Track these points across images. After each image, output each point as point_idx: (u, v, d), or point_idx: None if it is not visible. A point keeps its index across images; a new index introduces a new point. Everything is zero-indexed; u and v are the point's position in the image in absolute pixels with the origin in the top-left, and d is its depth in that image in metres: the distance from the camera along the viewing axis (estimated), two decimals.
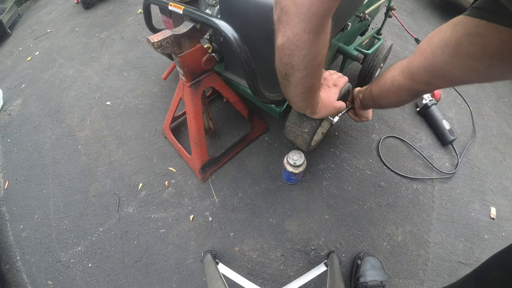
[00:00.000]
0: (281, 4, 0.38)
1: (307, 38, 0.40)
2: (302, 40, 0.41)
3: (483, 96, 1.47)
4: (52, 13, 2.48)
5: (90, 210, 1.10)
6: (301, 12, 0.37)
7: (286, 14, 0.39)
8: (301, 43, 0.41)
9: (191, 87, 0.92)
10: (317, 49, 0.44)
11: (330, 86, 0.79)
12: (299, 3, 0.36)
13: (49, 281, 0.96)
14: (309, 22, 0.38)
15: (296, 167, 0.97)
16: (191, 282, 0.92)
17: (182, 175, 1.16)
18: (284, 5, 0.38)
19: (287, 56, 0.45)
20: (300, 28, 0.39)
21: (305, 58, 0.45)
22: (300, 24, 0.39)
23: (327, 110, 0.75)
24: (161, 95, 1.47)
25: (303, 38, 0.41)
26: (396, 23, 1.84)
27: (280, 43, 0.44)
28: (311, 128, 0.92)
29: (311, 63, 0.46)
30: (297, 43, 0.42)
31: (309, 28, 0.39)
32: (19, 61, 1.96)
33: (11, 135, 1.44)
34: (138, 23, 2.01)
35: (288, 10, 0.38)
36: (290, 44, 0.42)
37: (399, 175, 1.11)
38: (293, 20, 0.39)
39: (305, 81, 0.51)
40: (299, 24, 0.39)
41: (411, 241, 0.96)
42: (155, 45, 0.74)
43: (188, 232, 1.02)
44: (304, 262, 0.94)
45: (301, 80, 0.51)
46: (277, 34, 0.44)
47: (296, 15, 0.38)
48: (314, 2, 0.36)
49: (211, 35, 1.04)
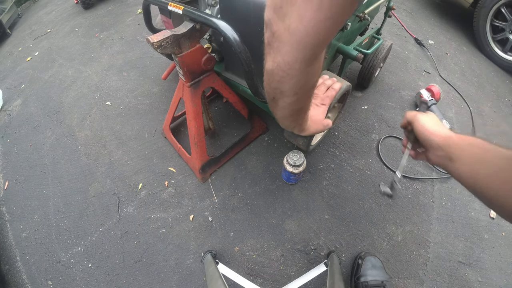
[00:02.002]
0: (272, 28, 0.34)
1: (299, 67, 0.37)
2: (293, 69, 0.38)
3: (483, 96, 1.47)
4: (52, 13, 2.48)
5: (90, 210, 1.10)
6: (294, 41, 0.33)
7: (278, 40, 0.35)
8: (292, 71, 0.38)
9: (191, 87, 0.92)
10: (309, 77, 0.41)
11: (319, 105, 0.77)
12: (293, 31, 0.32)
13: (49, 281, 0.96)
14: (301, 51, 0.35)
15: (296, 167, 0.97)
16: (191, 282, 0.92)
17: (182, 175, 1.16)
18: (276, 30, 0.34)
19: (276, 82, 0.42)
20: (292, 57, 0.36)
21: (295, 85, 0.42)
22: (292, 53, 0.35)
23: (315, 128, 0.72)
24: (161, 95, 1.47)
25: (294, 67, 0.37)
26: (395, 23, 1.84)
27: (270, 69, 0.40)
28: None
29: (302, 89, 0.44)
30: (288, 71, 0.38)
31: (302, 58, 0.36)
32: (19, 62, 1.96)
33: (11, 135, 1.44)
34: (137, 23, 2.01)
35: (279, 36, 0.34)
36: (280, 71, 0.39)
37: None
38: (284, 48, 0.35)
39: (294, 105, 0.49)
40: (290, 53, 0.35)
41: (411, 241, 0.96)
42: (154, 45, 0.74)
43: (188, 232, 1.01)
44: (304, 262, 0.94)
45: (290, 105, 0.48)
46: (266, 57, 0.40)
47: (289, 43, 0.34)
48: (309, 32, 0.31)
49: (210, 35, 1.04)
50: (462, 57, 1.69)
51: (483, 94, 1.48)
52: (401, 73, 1.54)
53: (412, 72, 1.54)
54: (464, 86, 1.50)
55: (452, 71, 1.58)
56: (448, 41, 1.79)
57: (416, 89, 1.42)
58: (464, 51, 1.74)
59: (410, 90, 1.43)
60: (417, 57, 1.65)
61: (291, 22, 0.31)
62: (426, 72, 1.54)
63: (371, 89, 1.43)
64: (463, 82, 1.52)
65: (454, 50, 1.73)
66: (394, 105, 1.36)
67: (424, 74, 1.54)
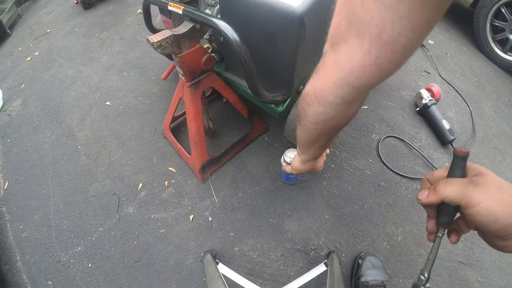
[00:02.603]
0: (324, 58, 0.36)
1: (332, 100, 0.37)
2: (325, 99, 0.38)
3: (483, 96, 1.47)
4: (52, 13, 2.48)
5: (90, 210, 1.10)
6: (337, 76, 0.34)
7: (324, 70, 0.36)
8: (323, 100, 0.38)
9: (190, 87, 0.92)
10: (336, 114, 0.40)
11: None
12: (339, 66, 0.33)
13: (49, 281, 0.96)
14: (340, 88, 0.35)
15: None
16: (191, 282, 0.92)
17: (182, 175, 1.16)
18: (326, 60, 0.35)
19: (306, 104, 0.42)
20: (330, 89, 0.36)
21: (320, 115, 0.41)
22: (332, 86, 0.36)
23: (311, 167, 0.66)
24: (161, 95, 1.47)
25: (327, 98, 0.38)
26: None
27: (306, 91, 0.42)
28: None
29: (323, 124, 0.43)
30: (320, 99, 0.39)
31: (338, 94, 0.36)
32: (19, 62, 1.96)
33: (11, 135, 1.44)
34: (137, 23, 2.01)
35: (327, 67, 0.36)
36: (313, 95, 0.40)
37: (399, 175, 1.11)
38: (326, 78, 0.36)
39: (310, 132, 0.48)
40: (330, 85, 0.36)
41: (411, 241, 0.96)
42: (154, 45, 0.74)
43: (188, 232, 1.01)
44: (304, 262, 0.94)
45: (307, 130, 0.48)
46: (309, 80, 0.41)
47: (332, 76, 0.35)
48: (353, 72, 0.32)
49: (210, 35, 1.04)
50: (462, 57, 1.69)
51: (483, 94, 1.48)
52: (401, 73, 1.53)
53: (412, 72, 1.54)
54: (464, 86, 1.50)
55: (452, 71, 1.58)
56: (448, 41, 1.79)
57: (416, 89, 1.42)
58: (464, 51, 1.74)
59: (410, 90, 1.43)
60: (417, 57, 1.64)
61: (341, 58, 0.33)
62: (426, 72, 1.54)
63: (371, 89, 1.43)
64: (463, 82, 1.52)
65: (454, 50, 1.73)
66: (394, 105, 1.36)
67: (424, 74, 1.54)
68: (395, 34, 0.26)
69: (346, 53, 0.32)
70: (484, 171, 0.34)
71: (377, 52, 0.28)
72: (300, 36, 0.71)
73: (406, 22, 0.25)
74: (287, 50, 0.76)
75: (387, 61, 0.29)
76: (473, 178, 0.34)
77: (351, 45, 0.30)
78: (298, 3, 0.67)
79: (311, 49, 0.82)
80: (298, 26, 0.69)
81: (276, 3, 0.69)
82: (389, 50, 0.28)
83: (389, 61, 0.29)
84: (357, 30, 0.29)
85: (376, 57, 0.29)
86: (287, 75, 0.84)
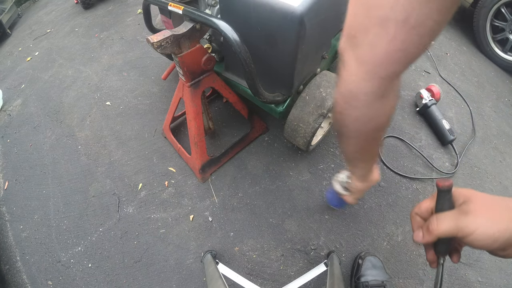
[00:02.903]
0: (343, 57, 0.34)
1: (364, 99, 0.35)
2: (357, 100, 0.35)
3: (483, 96, 1.47)
4: (52, 13, 2.48)
5: (90, 210, 1.10)
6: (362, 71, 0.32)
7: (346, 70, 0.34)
8: (356, 103, 0.36)
9: (190, 87, 0.92)
10: (375, 113, 0.37)
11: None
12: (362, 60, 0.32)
13: (49, 281, 0.96)
14: (369, 82, 0.33)
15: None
16: (191, 282, 0.92)
17: (182, 175, 1.16)
18: (346, 59, 0.34)
19: (338, 114, 0.40)
20: (358, 87, 0.34)
21: (358, 120, 0.38)
22: (359, 83, 0.34)
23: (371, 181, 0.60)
24: (161, 95, 1.47)
25: (359, 98, 0.35)
26: None
27: (335, 97, 0.39)
28: (311, 128, 0.92)
29: (365, 127, 0.40)
30: (351, 102, 0.36)
31: (368, 90, 0.34)
32: (19, 62, 1.96)
33: (11, 135, 1.44)
34: (137, 23, 2.01)
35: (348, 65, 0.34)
36: (343, 101, 0.37)
37: (399, 175, 1.11)
38: (351, 77, 0.34)
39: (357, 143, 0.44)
40: (357, 83, 0.34)
41: (411, 241, 0.96)
42: (154, 45, 0.74)
43: (188, 232, 1.01)
44: (304, 262, 0.94)
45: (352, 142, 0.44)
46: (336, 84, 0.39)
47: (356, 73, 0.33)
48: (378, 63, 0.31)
49: (210, 35, 1.04)
50: (462, 57, 1.69)
51: (483, 94, 1.48)
52: None
53: (412, 72, 1.54)
54: (464, 86, 1.50)
55: (452, 71, 1.58)
56: (448, 41, 1.79)
57: (416, 89, 1.42)
58: (464, 51, 1.74)
59: (410, 90, 1.43)
60: None
61: (362, 51, 0.31)
62: (426, 72, 1.54)
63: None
64: (463, 82, 1.52)
65: (454, 50, 1.73)
66: None
67: (424, 74, 1.54)
68: (422, 17, 0.25)
69: (367, 44, 0.30)
70: (471, 195, 0.34)
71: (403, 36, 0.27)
72: (300, 36, 0.71)
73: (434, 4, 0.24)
74: (287, 50, 0.76)
75: (414, 45, 0.28)
76: (462, 207, 0.34)
77: (372, 34, 0.29)
78: (298, 3, 0.67)
79: (311, 49, 0.82)
80: (298, 26, 0.69)
81: (276, 3, 0.69)
82: (416, 34, 0.27)
83: (416, 45, 0.28)
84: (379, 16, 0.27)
85: (402, 42, 0.28)
86: (287, 75, 0.84)
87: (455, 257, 0.39)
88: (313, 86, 0.92)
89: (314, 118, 0.89)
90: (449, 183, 0.34)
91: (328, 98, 0.89)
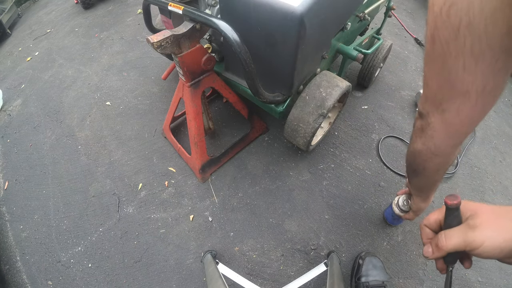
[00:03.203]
0: (429, 119, 0.40)
1: (449, 151, 0.43)
2: (442, 152, 0.44)
3: None
4: (52, 13, 2.47)
5: (90, 210, 1.10)
6: (449, 131, 0.39)
7: (432, 129, 0.41)
8: (440, 154, 0.44)
9: (190, 87, 0.92)
10: (452, 157, 0.46)
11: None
12: (449, 123, 0.38)
13: (49, 281, 0.96)
14: (453, 139, 0.41)
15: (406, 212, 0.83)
16: (191, 282, 0.92)
17: (182, 175, 1.16)
18: (433, 121, 0.40)
19: (423, 161, 0.48)
20: (444, 143, 0.42)
21: (439, 164, 0.47)
22: (445, 140, 0.41)
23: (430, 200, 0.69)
24: (161, 95, 1.47)
25: (443, 151, 0.43)
26: (395, 23, 1.84)
27: (418, 149, 0.46)
28: (311, 128, 0.92)
29: (444, 167, 0.49)
30: (436, 153, 0.44)
31: (452, 144, 0.42)
32: (19, 62, 1.96)
33: (11, 135, 1.44)
34: (137, 23, 2.01)
35: (435, 126, 0.40)
36: (429, 153, 0.45)
37: (399, 175, 1.11)
38: (438, 136, 0.41)
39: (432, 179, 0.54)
40: (443, 140, 0.41)
41: (411, 240, 0.96)
42: (154, 45, 0.74)
43: (188, 232, 1.01)
44: (304, 262, 0.94)
45: (428, 178, 0.54)
46: (415, 139, 0.46)
47: (443, 132, 0.40)
48: (463, 124, 0.37)
49: (210, 35, 1.04)
50: None
51: None
52: (401, 73, 1.53)
53: (412, 72, 1.54)
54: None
55: None
56: None
57: (416, 89, 1.42)
58: None
59: (410, 90, 1.43)
60: (417, 57, 1.64)
61: (449, 115, 0.37)
62: None
63: (371, 89, 1.43)
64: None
65: None
66: (394, 105, 1.36)
67: None
68: (496, 83, 0.32)
69: (454, 111, 0.36)
70: (477, 209, 0.36)
71: (483, 101, 0.34)
72: (300, 36, 0.71)
73: (503, 71, 0.30)
74: (287, 50, 0.76)
75: (490, 105, 0.35)
76: (469, 221, 0.36)
77: (458, 103, 0.35)
78: (298, 3, 0.67)
79: (311, 49, 0.82)
80: (298, 26, 0.69)
81: (276, 3, 0.69)
82: (492, 96, 0.33)
83: (491, 104, 0.35)
84: (462, 89, 0.33)
85: (483, 105, 0.34)
86: (287, 75, 0.84)
87: (466, 263, 0.42)
88: (313, 86, 0.92)
89: (314, 118, 0.89)
90: (457, 201, 0.36)
91: (328, 98, 0.89)
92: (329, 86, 0.91)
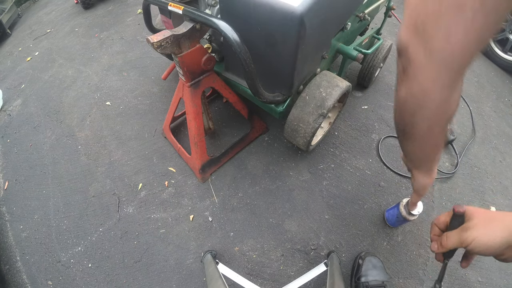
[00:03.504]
0: (408, 52, 0.31)
1: (439, 95, 0.33)
2: (430, 98, 0.34)
3: (483, 96, 1.47)
4: (52, 13, 2.47)
5: (90, 210, 1.10)
6: (436, 65, 0.30)
7: (414, 65, 0.32)
8: (429, 101, 0.34)
9: (190, 87, 0.92)
10: (447, 107, 0.36)
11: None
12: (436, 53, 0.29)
13: (49, 281, 0.96)
14: (443, 75, 0.31)
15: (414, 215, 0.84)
16: (191, 282, 0.92)
17: (182, 175, 1.16)
18: (413, 53, 0.31)
19: (409, 116, 0.38)
20: (431, 83, 0.32)
21: (431, 118, 0.37)
22: (432, 79, 0.32)
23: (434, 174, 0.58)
24: (161, 95, 1.47)
25: (432, 96, 0.33)
26: (395, 23, 1.84)
27: (402, 98, 0.37)
28: (311, 128, 0.92)
29: (438, 123, 0.39)
30: (424, 100, 0.35)
31: (443, 83, 0.32)
32: (19, 62, 1.96)
33: (11, 135, 1.44)
34: (137, 23, 2.01)
35: (418, 60, 0.31)
36: (414, 101, 0.36)
37: (399, 175, 1.11)
38: (422, 74, 0.32)
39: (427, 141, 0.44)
40: (430, 79, 0.32)
41: (411, 240, 0.96)
42: (154, 45, 0.74)
43: (188, 232, 1.01)
44: (304, 262, 0.94)
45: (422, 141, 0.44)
46: (399, 86, 0.37)
47: (428, 67, 0.31)
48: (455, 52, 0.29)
49: (210, 35, 1.04)
50: None
51: (483, 94, 1.48)
52: None
53: None
54: (464, 86, 1.50)
55: None
56: None
57: None
58: None
59: None
60: None
61: (436, 42, 0.29)
62: None
63: (371, 89, 1.43)
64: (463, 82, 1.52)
65: None
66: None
67: None
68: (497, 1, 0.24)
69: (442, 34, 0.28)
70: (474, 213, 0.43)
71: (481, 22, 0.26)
72: (300, 36, 0.71)
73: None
74: (287, 50, 0.76)
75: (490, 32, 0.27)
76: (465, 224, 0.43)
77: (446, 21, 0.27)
78: (298, 3, 0.67)
79: (311, 49, 0.82)
80: (298, 26, 0.69)
81: (276, 3, 0.69)
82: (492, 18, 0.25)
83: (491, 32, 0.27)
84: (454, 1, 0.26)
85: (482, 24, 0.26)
86: (287, 75, 0.84)
87: (464, 262, 0.49)
88: (313, 86, 0.92)
89: (314, 118, 0.89)
90: (463, 210, 0.44)
91: (328, 98, 0.89)
92: (329, 86, 0.91)
